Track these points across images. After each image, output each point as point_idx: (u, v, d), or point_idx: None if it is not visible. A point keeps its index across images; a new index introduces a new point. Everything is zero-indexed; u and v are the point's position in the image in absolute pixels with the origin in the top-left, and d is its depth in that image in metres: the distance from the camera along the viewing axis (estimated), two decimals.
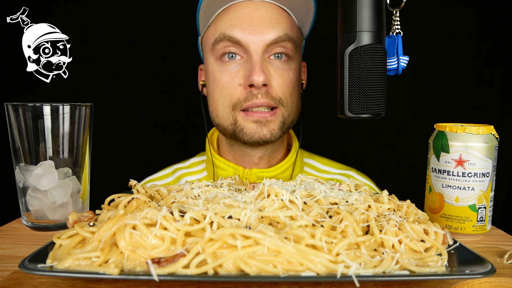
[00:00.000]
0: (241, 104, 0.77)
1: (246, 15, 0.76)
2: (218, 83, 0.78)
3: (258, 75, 0.74)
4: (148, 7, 1.22)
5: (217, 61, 0.79)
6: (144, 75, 1.27)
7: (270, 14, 0.77)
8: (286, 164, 0.84)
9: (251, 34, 0.75)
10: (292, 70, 0.80)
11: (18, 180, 0.60)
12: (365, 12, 0.55)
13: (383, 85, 0.56)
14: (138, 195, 0.52)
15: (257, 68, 0.74)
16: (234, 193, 0.54)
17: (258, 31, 0.75)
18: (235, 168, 0.83)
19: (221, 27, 0.77)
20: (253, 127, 0.77)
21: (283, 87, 0.78)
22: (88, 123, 0.62)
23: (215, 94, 0.80)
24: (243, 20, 0.76)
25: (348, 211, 0.47)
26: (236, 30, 0.75)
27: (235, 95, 0.77)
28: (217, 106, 0.80)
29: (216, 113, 0.81)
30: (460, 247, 0.47)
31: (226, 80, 0.77)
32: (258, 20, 0.76)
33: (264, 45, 0.76)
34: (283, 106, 0.79)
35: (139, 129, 1.29)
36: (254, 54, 0.76)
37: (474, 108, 1.26)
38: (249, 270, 0.38)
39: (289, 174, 0.85)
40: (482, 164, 0.58)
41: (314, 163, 0.94)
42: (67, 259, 0.40)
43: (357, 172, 0.94)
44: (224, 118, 0.79)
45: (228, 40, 0.76)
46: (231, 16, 0.77)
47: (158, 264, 0.39)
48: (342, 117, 0.58)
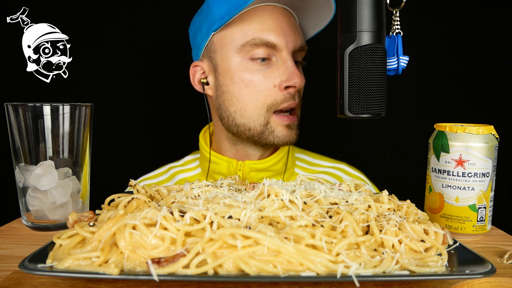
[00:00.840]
0: (278, 105, 0.79)
1: (276, 20, 0.79)
2: (249, 84, 0.79)
3: (300, 78, 0.78)
4: (148, 7, 1.22)
5: (246, 61, 0.79)
6: (144, 75, 1.27)
7: (293, 21, 0.82)
8: (278, 156, 0.86)
9: (284, 38, 0.78)
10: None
11: (18, 180, 0.60)
12: (365, 12, 0.55)
13: (383, 85, 0.56)
14: (138, 195, 0.52)
15: (297, 71, 0.79)
16: (234, 193, 0.54)
17: (289, 36, 0.79)
18: (228, 161, 0.84)
19: (253, 30, 0.78)
20: (284, 130, 0.81)
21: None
22: (88, 123, 0.62)
23: (243, 94, 0.79)
24: (275, 24, 0.78)
25: (348, 211, 0.47)
26: (271, 34, 0.77)
27: (271, 96, 0.78)
28: (246, 106, 0.79)
29: (243, 113, 0.80)
30: (460, 247, 0.47)
31: (258, 80, 0.78)
32: (287, 25, 0.80)
33: (293, 50, 0.80)
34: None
35: (139, 129, 1.29)
36: (289, 57, 0.79)
37: (474, 108, 1.26)
38: (249, 270, 0.38)
39: (282, 166, 0.87)
40: (482, 164, 0.58)
41: (305, 157, 0.96)
42: (67, 259, 0.40)
43: (349, 166, 0.95)
44: (253, 119, 0.80)
45: (265, 45, 0.78)
46: (262, 19, 0.78)
47: (158, 264, 0.39)
48: (342, 117, 0.58)
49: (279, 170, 0.87)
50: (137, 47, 1.25)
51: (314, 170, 0.92)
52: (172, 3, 1.22)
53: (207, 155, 0.86)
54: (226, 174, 0.85)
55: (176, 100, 1.28)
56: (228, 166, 0.84)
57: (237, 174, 0.83)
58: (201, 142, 0.88)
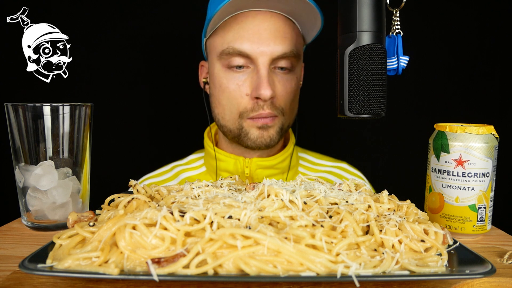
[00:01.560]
0: (248, 113, 0.80)
1: (255, 27, 0.77)
2: (225, 90, 0.81)
3: (266, 90, 0.76)
4: (148, 7, 1.22)
5: (224, 68, 0.81)
6: (144, 74, 1.27)
7: (278, 26, 0.78)
8: (285, 154, 0.87)
9: (259, 46, 0.77)
10: (294, 80, 0.83)
11: (18, 180, 0.60)
12: (365, 12, 0.55)
13: (383, 85, 0.56)
14: (138, 195, 0.52)
15: (265, 83, 0.76)
16: (234, 193, 0.54)
17: (266, 44, 0.77)
18: (235, 159, 0.85)
19: (229, 39, 0.78)
20: (257, 132, 0.81)
21: (285, 98, 0.81)
22: (88, 123, 0.62)
23: (222, 99, 0.82)
24: (251, 32, 0.77)
25: (348, 211, 0.47)
26: (245, 43, 0.77)
27: (242, 104, 0.80)
28: (224, 110, 0.82)
29: (222, 116, 0.83)
30: (460, 247, 0.47)
31: (233, 88, 0.80)
32: (266, 33, 0.77)
33: (271, 59, 0.78)
34: (283, 115, 0.82)
35: (139, 129, 1.29)
36: (262, 67, 0.77)
37: (474, 108, 1.26)
38: (249, 270, 0.38)
39: (287, 165, 0.88)
40: (482, 164, 0.58)
41: (308, 157, 0.97)
42: (67, 259, 0.40)
43: (349, 165, 0.97)
44: (230, 122, 0.82)
45: (238, 54, 0.78)
46: (239, 27, 0.77)
47: (158, 264, 0.39)
48: (342, 117, 0.58)
49: (285, 168, 0.88)
50: (137, 47, 1.25)
51: (316, 169, 0.94)
52: (172, 3, 1.22)
53: (213, 153, 0.87)
54: (233, 171, 0.85)
55: (176, 99, 1.28)
56: (235, 163, 0.85)
57: (244, 171, 0.84)
58: (206, 140, 0.89)
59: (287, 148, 0.88)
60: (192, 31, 0.89)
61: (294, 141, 0.90)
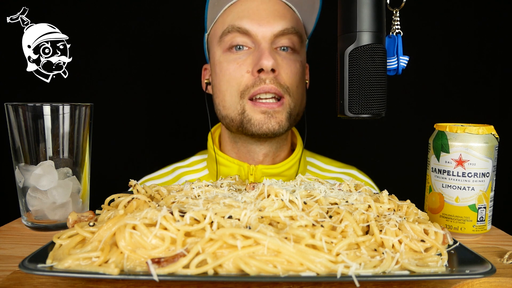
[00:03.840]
0: (249, 90, 0.76)
1: (254, 8, 0.78)
2: (225, 73, 0.78)
3: (267, 59, 0.74)
4: (148, 7, 1.22)
5: (224, 53, 0.79)
6: (144, 74, 1.27)
7: (277, 8, 0.79)
8: (291, 161, 0.84)
9: (259, 24, 0.77)
10: (298, 62, 0.81)
11: (18, 180, 0.60)
12: (365, 12, 0.55)
13: (383, 85, 0.56)
14: (138, 195, 0.52)
15: (267, 53, 0.75)
16: (234, 193, 0.54)
17: (266, 22, 0.77)
18: (239, 165, 0.82)
19: (229, 20, 0.78)
20: (261, 118, 0.76)
21: (290, 76, 0.78)
22: (88, 123, 0.62)
23: (222, 84, 0.79)
24: (251, 12, 0.77)
25: (348, 211, 0.47)
26: (245, 21, 0.77)
27: (243, 82, 0.77)
28: (224, 96, 0.79)
29: (223, 104, 0.80)
30: (460, 247, 0.47)
31: (233, 68, 0.77)
32: (266, 12, 0.77)
33: (272, 35, 0.77)
34: (290, 96, 0.78)
35: (139, 129, 1.29)
36: (263, 41, 0.77)
37: (474, 108, 1.26)
38: (249, 270, 0.38)
39: (295, 172, 0.85)
40: (482, 164, 0.58)
41: (316, 162, 0.94)
42: (67, 259, 0.40)
43: (358, 171, 0.95)
44: (231, 108, 0.79)
45: (237, 31, 0.77)
46: (239, 9, 0.78)
47: (158, 264, 0.39)
48: (342, 117, 0.58)
49: (292, 176, 0.84)
50: (137, 47, 1.25)
51: (325, 176, 0.91)
52: (172, 3, 1.22)
53: (217, 158, 0.84)
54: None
55: (176, 99, 1.28)
56: (239, 169, 0.82)
57: (248, 178, 0.81)
58: (210, 142, 0.86)
59: (295, 153, 0.84)
60: (193, 31, 0.89)
61: (302, 145, 0.86)
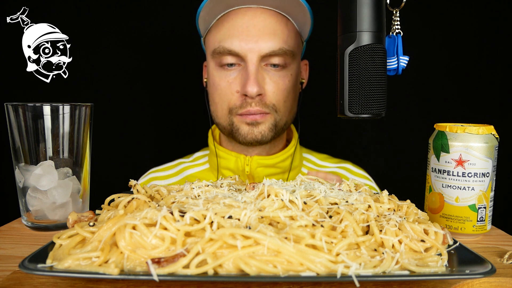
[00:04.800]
0: (237, 110, 0.81)
1: (244, 25, 0.78)
2: (217, 88, 0.82)
3: (251, 87, 0.77)
4: (148, 7, 1.22)
5: (217, 67, 0.82)
6: (144, 74, 1.27)
7: (268, 23, 0.78)
8: (287, 153, 0.87)
9: (247, 44, 0.77)
10: (288, 76, 0.82)
11: (18, 180, 0.60)
12: (365, 12, 0.55)
13: (383, 85, 0.56)
14: (138, 195, 0.52)
15: (252, 79, 0.77)
16: (234, 193, 0.54)
17: (254, 41, 0.77)
18: (236, 156, 0.86)
19: (220, 37, 0.80)
20: (246, 128, 0.82)
21: (277, 94, 0.81)
22: (88, 123, 0.62)
23: (215, 97, 0.84)
24: (240, 30, 0.78)
25: (348, 211, 0.47)
26: (234, 41, 0.78)
27: (232, 100, 0.81)
28: (216, 107, 0.84)
29: (216, 113, 0.85)
30: (460, 247, 0.47)
31: (224, 86, 0.81)
32: (255, 30, 0.77)
33: (259, 56, 0.78)
34: (276, 112, 0.82)
35: (139, 129, 1.29)
36: (250, 64, 0.78)
37: (474, 108, 1.26)
38: (249, 270, 0.38)
39: (289, 164, 0.88)
40: (482, 164, 0.58)
41: (312, 158, 0.97)
42: (67, 259, 0.40)
43: (352, 165, 0.97)
44: (222, 119, 0.84)
45: (228, 53, 0.79)
46: (229, 25, 0.79)
47: (158, 264, 0.39)
48: (342, 117, 0.58)
49: (286, 168, 0.88)
50: (137, 47, 1.25)
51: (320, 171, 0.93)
52: (172, 3, 1.22)
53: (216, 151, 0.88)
54: (234, 169, 0.86)
55: (176, 99, 1.28)
56: (236, 161, 0.86)
57: (244, 168, 0.85)
58: (210, 138, 0.91)
59: (289, 147, 0.88)
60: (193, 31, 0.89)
61: (296, 141, 0.90)
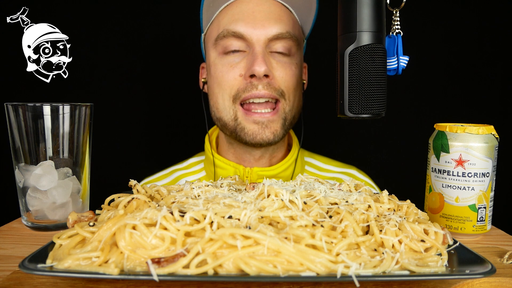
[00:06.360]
0: (240, 95, 0.75)
1: (249, 10, 0.76)
2: (218, 75, 0.78)
3: (259, 65, 0.72)
4: (148, 7, 1.22)
5: (219, 55, 0.79)
6: (144, 75, 1.27)
7: (273, 10, 0.77)
8: (287, 163, 0.83)
9: (254, 27, 0.75)
10: (294, 64, 0.79)
11: (18, 180, 0.60)
12: (365, 12, 0.55)
13: (383, 85, 0.56)
14: (138, 195, 0.52)
15: (259, 58, 0.73)
16: (234, 193, 0.54)
17: (261, 25, 0.75)
18: (235, 167, 0.82)
19: (224, 23, 0.77)
20: (254, 128, 0.76)
21: (285, 80, 0.77)
22: (88, 123, 0.62)
23: (215, 86, 0.79)
24: (246, 14, 0.76)
25: (348, 211, 0.47)
26: (240, 24, 0.76)
27: (235, 85, 0.76)
28: (217, 99, 0.79)
29: (217, 106, 0.80)
30: (460, 247, 0.47)
31: (226, 71, 0.77)
32: (261, 15, 0.76)
33: (266, 39, 0.76)
34: (285, 100, 0.77)
35: (139, 129, 1.29)
36: (257, 45, 0.75)
37: (474, 108, 1.26)
38: (249, 270, 0.38)
39: (290, 173, 0.84)
40: (482, 164, 0.58)
41: (315, 162, 0.93)
42: (67, 259, 0.40)
43: (358, 171, 0.94)
44: (224, 112, 0.78)
45: (232, 35, 0.76)
46: (234, 12, 0.77)
47: (158, 264, 0.39)
48: (342, 117, 0.58)
49: (288, 177, 0.84)
50: (137, 47, 1.25)
51: (324, 176, 0.90)
52: (172, 3, 1.22)
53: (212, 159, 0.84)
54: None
55: (176, 100, 1.28)
56: (235, 172, 0.82)
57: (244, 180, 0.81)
58: (207, 144, 0.86)
59: (290, 155, 0.84)
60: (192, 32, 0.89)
61: (298, 146, 0.86)
